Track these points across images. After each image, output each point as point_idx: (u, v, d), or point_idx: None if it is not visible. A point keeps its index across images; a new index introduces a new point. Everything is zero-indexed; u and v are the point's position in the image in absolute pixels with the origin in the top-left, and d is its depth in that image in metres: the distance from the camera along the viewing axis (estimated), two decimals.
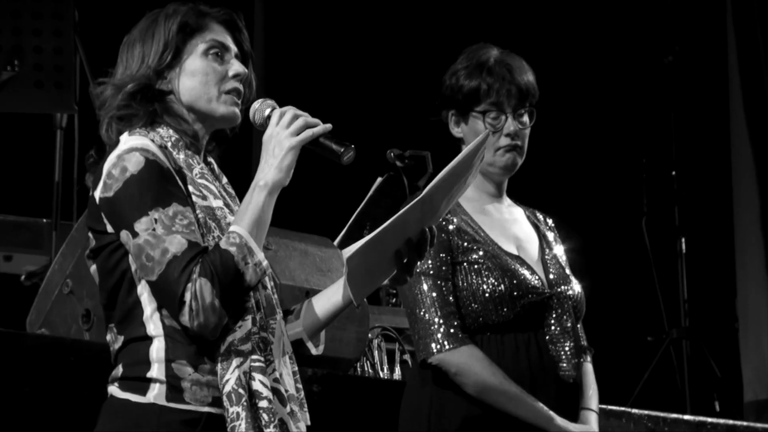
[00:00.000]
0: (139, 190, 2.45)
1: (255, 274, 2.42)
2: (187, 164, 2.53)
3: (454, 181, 2.61)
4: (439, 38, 6.29)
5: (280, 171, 2.48)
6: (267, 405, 2.41)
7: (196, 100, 2.60)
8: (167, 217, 2.42)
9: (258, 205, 2.46)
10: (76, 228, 4.10)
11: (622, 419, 4.37)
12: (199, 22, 2.63)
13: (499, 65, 3.15)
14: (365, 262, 2.52)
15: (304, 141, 2.49)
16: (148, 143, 2.50)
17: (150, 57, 2.60)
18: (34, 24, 4.87)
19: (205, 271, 2.38)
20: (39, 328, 4.04)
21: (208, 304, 2.38)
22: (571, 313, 3.11)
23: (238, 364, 2.41)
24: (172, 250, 2.40)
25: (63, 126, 5.04)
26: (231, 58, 2.63)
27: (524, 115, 3.17)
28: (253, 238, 2.42)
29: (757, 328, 6.41)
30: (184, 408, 2.42)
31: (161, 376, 2.43)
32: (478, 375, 2.97)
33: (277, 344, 2.50)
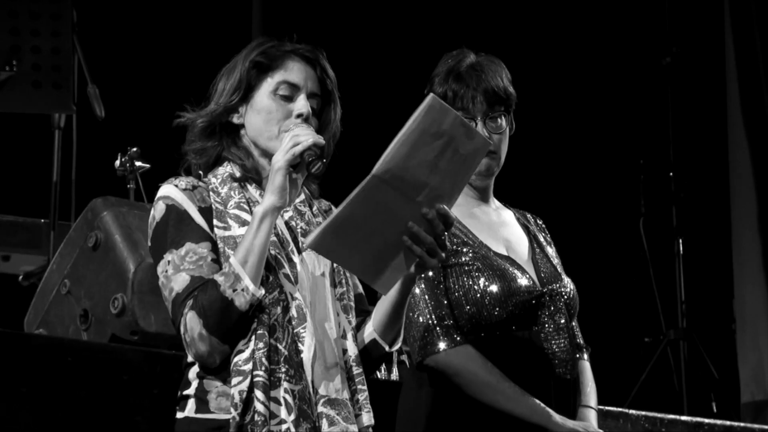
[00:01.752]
0: (160, 235, 2.66)
1: (244, 299, 2.56)
2: (227, 197, 2.69)
3: (426, 154, 2.55)
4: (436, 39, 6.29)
5: (272, 193, 2.61)
6: (257, 418, 2.54)
7: (258, 137, 2.75)
8: (179, 257, 2.61)
9: (250, 233, 2.59)
10: (73, 228, 4.10)
11: (619, 420, 4.37)
12: (276, 59, 2.75)
13: (469, 71, 3.13)
14: (353, 249, 2.55)
15: (288, 161, 2.61)
16: (170, 190, 2.68)
17: (225, 92, 2.75)
18: (33, 24, 4.87)
19: (195, 303, 2.57)
20: (36, 328, 4.04)
21: (197, 334, 2.56)
22: (564, 311, 3.11)
23: (236, 384, 2.56)
24: (176, 288, 2.60)
25: (61, 126, 5.04)
26: (299, 97, 2.73)
27: (497, 119, 3.15)
28: (242, 265, 2.56)
29: (754, 329, 6.41)
30: (209, 417, 2.60)
31: (194, 391, 2.64)
32: (475, 375, 2.97)
33: (308, 353, 2.61)
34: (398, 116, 2.60)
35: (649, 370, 6.09)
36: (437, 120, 2.55)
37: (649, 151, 6.70)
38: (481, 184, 3.19)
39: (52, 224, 4.90)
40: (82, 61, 4.93)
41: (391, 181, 2.52)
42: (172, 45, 6.33)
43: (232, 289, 2.55)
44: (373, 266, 2.60)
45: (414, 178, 2.55)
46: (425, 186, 2.57)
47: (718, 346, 6.47)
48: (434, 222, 2.57)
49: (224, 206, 2.68)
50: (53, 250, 4.54)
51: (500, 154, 3.17)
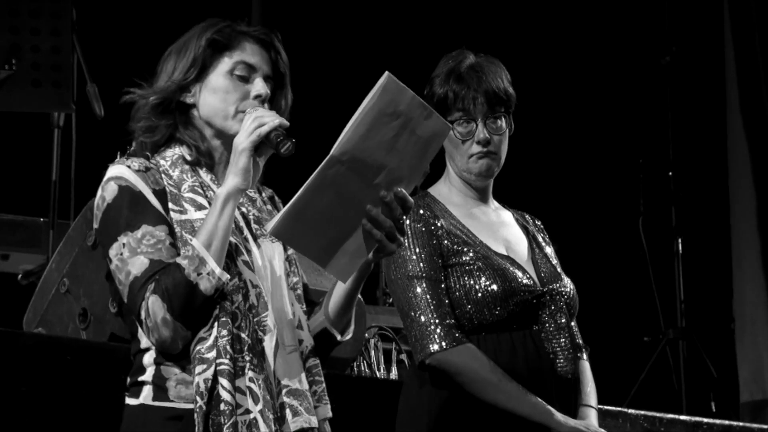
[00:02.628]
0: (113, 218, 2.57)
1: (209, 283, 2.49)
2: (180, 180, 2.62)
3: (382, 136, 2.49)
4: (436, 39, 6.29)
5: (235, 175, 2.55)
6: (224, 407, 2.47)
7: (213, 116, 2.68)
8: (135, 239, 2.53)
9: (213, 215, 2.53)
10: (73, 227, 4.10)
11: (618, 419, 4.37)
12: (231, 39, 2.70)
13: (470, 72, 3.13)
14: (312, 235, 2.50)
15: (253, 142, 2.55)
16: (122, 171, 2.60)
17: (178, 70, 2.69)
18: (32, 23, 4.87)
19: (157, 287, 2.49)
20: (36, 327, 4.04)
21: (161, 319, 2.49)
22: (564, 310, 3.12)
23: (199, 372, 2.49)
24: (133, 271, 2.52)
25: (60, 125, 5.04)
26: (257, 78, 2.68)
27: (497, 120, 3.15)
28: (206, 248, 2.50)
29: (753, 329, 6.41)
30: (168, 405, 2.53)
31: (150, 378, 2.56)
32: (476, 374, 2.98)
33: (270, 342, 2.56)
34: None
35: (649, 370, 6.09)
36: (394, 100, 2.50)
37: (648, 151, 6.70)
38: (481, 184, 3.20)
39: (52, 223, 4.90)
40: (82, 60, 4.93)
41: (349, 163, 2.47)
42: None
43: (197, 273, 2.48)
44: (332, 252, 2.54)
45: (372, 159, 2.50)
46: (383, 168, 2.52)
47: (717, 346, 6.47)
48: (392, 205, 2.52)
49: (178, 189, 2.60)
50: (52, 249, 4.54)
51: (500, 155, 3.17)
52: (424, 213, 3.11)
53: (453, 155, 3.17)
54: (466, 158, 3.14)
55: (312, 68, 6.62)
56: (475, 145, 3.13)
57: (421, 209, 3.12)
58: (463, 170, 3.17)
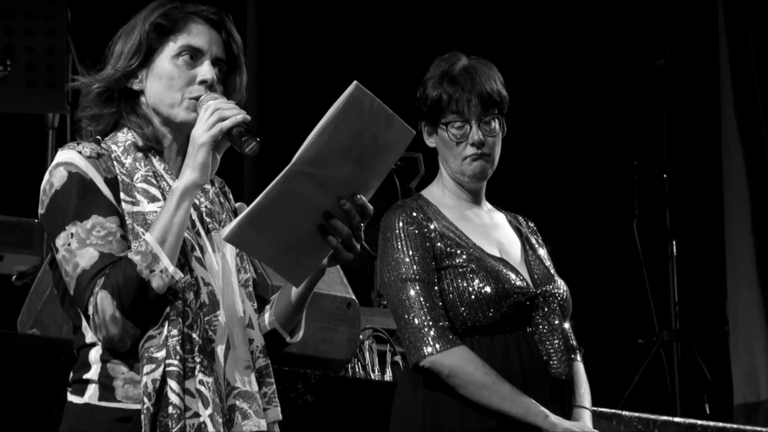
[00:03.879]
0: (61, 205, 2.46)
1: (162, 280, 2.39)
2: (132, 169, 2.52)
3: (344, 143, 2.45)
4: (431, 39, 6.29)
5: (194, 170, 2.44)
6: (172, 411, 2.38)
7: (158, 104, 2.58)
8: (84, 230, 2.43)
9: (169, 210, 2.43)
10: None
11: (612, 421, 4.38)
12: (178, 21, 2.58)
13: (463, 74, 3.14)
14: (269, 241, 2.45)
15: (214, 137, 2.44)
16: (73, 156, 2.50)
17: (124, 55, 2.58)
18: (27, 24, 4.87)
19: (107, 283, 2.39)
20: (30, 329, 4.03)
21: (110, 316, 2.39)
22: (558, 312, 3.12)
23: (148, 372, 2.39)
24: (81, 264, 2.41)
25: (55, 126, 5.04)
26: (204, 62, 2.57)
27: (491, 122, 3.15)
28: (160, 245, 2.40)
29: (747, 331, 6.41)
30: (115, 406, 2.44)
31: (95, 376, 2.46)
32: (470, 375, 2.98)
33: (221, 341, 2.48)
34: None
35: (643, 372, 6.10)
36: (359, 108, 2.45)
37: (642, 153, 6.70)
38: (474, 186, 3.20)
39: None
40: (76, 61, 4.93)
41: (310, 171, 2.42)
42: None
43: (149, 270, 2.38)
44: (286, 258, 2.49)
45: (331, 167, 2.45)
46: (342, 175, 2.47)
47: (711, 348, 6.48)
48: (351, 213, 2.45)
49: (130, 179, 2.49)
50: (46, 250, 4.53)
51: (494, 157, 3.18)
52: (417, 215, 3.11)
53: (447, 157, 3.17)
54: (460, 160, 3.15)
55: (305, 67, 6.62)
56: (469, 147, 3.14)
57: (414, 212, 3.11)
58: (457, 172, 3.17)
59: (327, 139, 2.41)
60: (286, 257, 2.49)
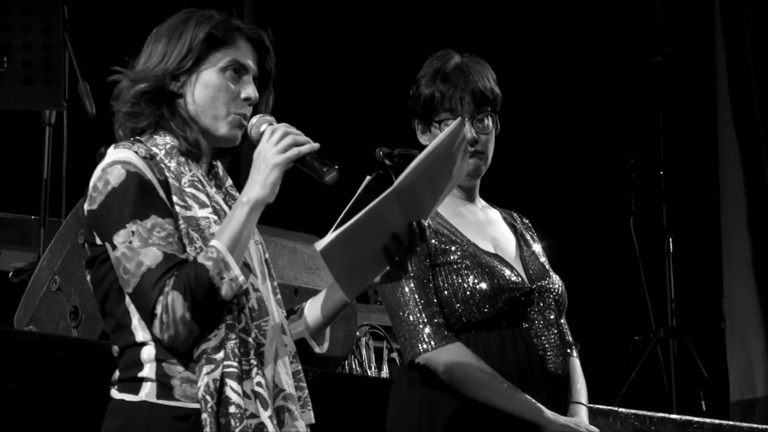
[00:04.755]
0: (119, 203, 2.48)
1: (230, 288, 2.45)
2: (178, 173, 2.55)
3: (433, 173, 2.60)
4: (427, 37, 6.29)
5: (264, 188, 2.50)
6: (235, 410, 2.43)
7: (201, 113, 2.62)
8: (145, 229, 2.46)
9: (239, 221, 2.48)
10: (64, 225, 4.09)
11: (609, 418, 4.38)
12: (227, 36, 2.64)
13: (456, 71, 3.14)
14: (347, 257, 2.54)
15: (289, 159, 2.51)
16: (131, 156, 2.52)
17: (171, 58, 2.62)
18: (23, 20, 4.86)
19: (178, 284, 2.43)
20: (27, 325, 4.04)
21: (179, 317, 2.43)
22: (553, 307, 3.12)
23: (208, 372, 2.44)
24: (146, 262, 2.45)
25: (52, 123, 5.03)
26: (248, 80, 2.64)
27: (484, 119, 3.16)
28: (230, 254, 2.45)
29: (743, 328, 6.42)
30: (174, 404, 2.47)
31: (152, 375, 2.48)
32: (466, 372, 2.98)
33: (270, 346, 2.54)
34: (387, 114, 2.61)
35: (639, 369, 6.10)
36: (454, 142, 2.61)
37: (639, 150, 6.71)
38: (468, 184, 3.20)
39: (43, 221, 4.90)
40: (73, 58, 4.92)
41: (401, 196, 2.54)
42: None
43: (220, 277, 2.43)
44: (352, 273, 2.59)
45: (418, 195, 2.59)
46: (419, 202, 2.60)
47: (707, 345, 6.48)
48: (415, 236, 2.57)
49: (179, 182, 2.54)
50: (43, 247, 4.53)
51: (488, 154, 3.18)
52: None
53: None
54: None
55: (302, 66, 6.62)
56: None
57: None
58: None
59: (423, 169, 2.55)
60: (352, 272, 2.59)
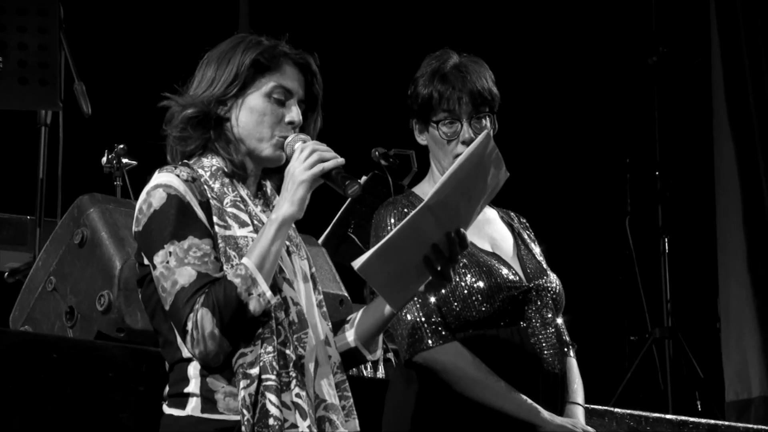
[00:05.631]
0: (159, 225, 2.60)
1: (258, 304, 2.54)
2: (221, 193, 2.66)
3: (466, 186, 2.65)
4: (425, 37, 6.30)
5: (292, 204, 2.59)
6: (273, 422, 2.52)
7: (247, 136, 2.71)
8: (182, 250, 2.57)
9: (268, 239, 2.57)
10: (59, 225, 4.09)
11: (604, 418, 4.38)
12: (273, 62, 2.73)
13: (454, 72, 3.14)
14: (385, 271, 2.60)
15: (315, 175, 2.60)
16: (172, 179, 2.63)
17: (218, 84, 2.72)
18: (19, 20, 4.86)
19: (208, 301, 2.53)
20: (22, 325, 4.03)
21: (208, 333, 2.53)
22: (551, 306, 3.13)
23: (245, 386, 2.53)
24: (180, 281, 2.55)
25: (47, 123, 5.03)
26: (292, 104, 2.72)
27: (482, 120, 3.16)
28: (259, 270, 2.55)
29: (738, 328, 6.43)
30: (218, 418, 2.57)
31: (197, 390, 2.59)
32: (463, 371, 2.98)
33: (310, 357, 2.62)
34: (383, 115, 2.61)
35: (635, 369, 6.11)
36: (484, 154, 2.66)
37: (635, 150, 6.71)
38: None
39: (38, 221, 4.89)
40: (69, 58, 4.92)
41: (435, 210, 2.60)
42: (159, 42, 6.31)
43: (248, 293, 2.53)
44: (395, 285, 2.65)
45: (453, 207, 2.64)
46: (455, 213, 2.66)
47: (703, 345, 6.49)
48: (454, 246, 2.63)
49: (220, 203, 2.64)
50: (39, 247, 4.53)
51: None
52: (409, 212, 3.11)
53: (438, 155, 3.18)
54: (451, 158, 3.15)
55: None
56: (460, 145, 3.14)
57: (405, 208, 3.12)
58: (447, 169, 3.16)
59: (456, 181, 2.61)
60: (395, 284, 2.65)
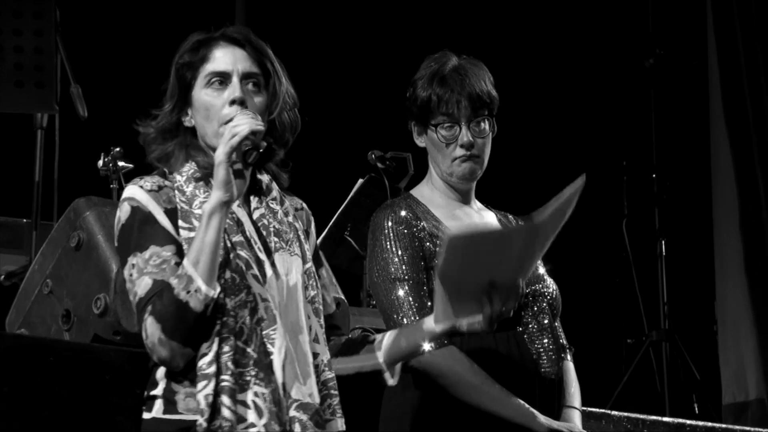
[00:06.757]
0: (126, 239, 2.63)
1: (198, 301, 2.51)
2: (192, 196, 2.64)
3: (552, 225, 2.64)
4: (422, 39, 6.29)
5: (217, 188, 2.55)
6: (224, 424, 2.50)
7: (204, 136, 2.70)
8: (143, 260, 2.58)
9: (200, 233, 2.55)
10: (56, 228, 4.08)
11: (601, 421, 4.38)
12: (201, 53, 2.69)
13: (453, 74, 3.13)
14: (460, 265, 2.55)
15: (227, 154, 2.55)
16: (135, 192, 2.64)
17: (167, 100, 2.71)
18: (15, 23, 4.86)
19: (153, 308, 2.53)
20: (18, 328, 4.03)
21: (157, 339, 2.53)
22: (547, 311, 3.12)
23: (202, 388, 2.53)
24: (139, 293, 2.57)
25: (43, 126, 5.03)
26: (232, 84, 2.67)
27: (481, 123, 3.15)
28: (194, 266, 2.51)
29: (735, 331, 6.43)
30: (177, 418, 2.58)
31: (161, 392, 2.62)
32: (460, 376, 2.98)
33: (279, 353, 2.57)
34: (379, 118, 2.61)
35: (632, 371, 6.11)
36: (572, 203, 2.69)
37: (631, 153, 6.72)
38: (463, 187, 3.20)
39: (35, 224, 4.89)
40: (65, 61, 4.92)
41: (528, 235, 2.57)
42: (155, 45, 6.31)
43: (186, 291, 2.50)
44: (448, 295, 2.62)
45: (539, 240, 2.61)
46: (533, 253, 2.62)
47: (700, 348, 6.49)
48: (512, 292, 2.61)
49: (189, 206, 2.63)
50: (35, 250, 4.52)
51: (484, 158, 3.18)
52: (406, 215, 3.11)
53: (436, 158, 3.17)
54: (450, 161, 3.14)
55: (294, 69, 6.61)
56: (458, 148, 3.13)
57: (403, 211, 3.11)
58: (446, 173, 3.17)
59: (552, 221, 2.60)
60: (447, 294, 2.61)
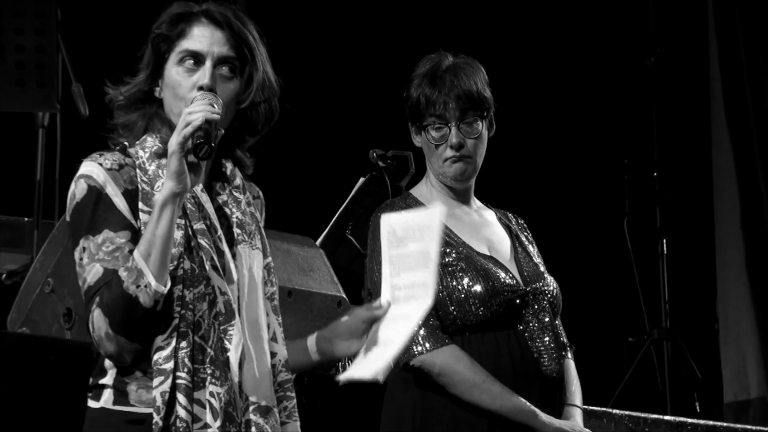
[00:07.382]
0: (79, 219, 2.48)
1: (147, 296, 2.38)
2: (155, 176, 2.50)
3: None
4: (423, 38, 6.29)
5: (169, 179, 2.40)
6: (179, 424, 2.39)
7: (170, 113, 2.55)
8: (95, 245, 2.45)
9: (152, 224, 2.41)
10: (57, 227, 4.09)
11: (603, 419, 4.38)
12: (180, 27, 2.55)
13: (444, 75, 3.11)
14: None
15: (180, 144, 2.39)
16: (93, 169, 2.50)
17: (147, 66, 2.57)
18: (16, 22, 4.86)
19: (101, 300, 2.41)
20: (20, 327, 4.03)
21: (104, 333, 2.40)
22: (548, 309, 3.12)
23: (158, 384, 2.41)
24: (89, 280, 2.45)
25: (45, 125, 5.03)
26: (204, 67, 2.53)
27: (472, 123, 3.14)
28: (145, 259, 2.38)
29: (736, 329, 6.43)
30: (129, 410, 2.46)
31: (111, 381, 2.48)
32: (460, 374, 2.98)
33: (236, 350, 2.47)
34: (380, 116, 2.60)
35: (633, 370, 6.10)
36: None
37: (633, 152, 6.71)
38: (460, 187, 3.19)
39: (36, 223, 4.89)
40: (67, 60, 4.92)
41: None
42: None
43: (135, 285, 2.37)
44: None
45: None
46: None
47: (701, 346, 6.49)
48: None
49: (151, 187, 2.48)
50: (37, 249, 4.53)
51: (475, 158, 3.16)
52: None
53: (430, 159, 3.18)
54: (441, 162, 3.14)
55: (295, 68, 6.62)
56: (448, 149, 3.12)
57: (402, 210, 3.11)
58: (438, 173, 3.17)
59: None
60: None
